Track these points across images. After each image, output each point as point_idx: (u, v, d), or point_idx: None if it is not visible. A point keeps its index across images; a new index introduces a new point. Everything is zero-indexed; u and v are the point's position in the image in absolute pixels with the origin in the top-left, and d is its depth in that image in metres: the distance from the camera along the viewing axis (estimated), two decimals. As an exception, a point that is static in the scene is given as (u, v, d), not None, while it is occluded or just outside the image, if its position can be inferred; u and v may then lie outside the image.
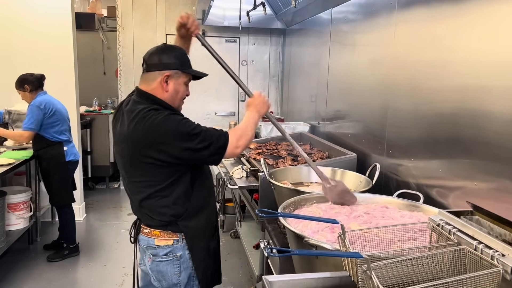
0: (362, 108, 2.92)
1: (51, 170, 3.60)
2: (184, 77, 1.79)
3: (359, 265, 1.12)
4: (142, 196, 1.77)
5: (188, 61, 1.82)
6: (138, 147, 1.68)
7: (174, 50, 1.80)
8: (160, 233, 1.79)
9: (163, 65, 1.74)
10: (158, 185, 1.73)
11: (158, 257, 1.81)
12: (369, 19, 2.84)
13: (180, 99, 1.82)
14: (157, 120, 1.65)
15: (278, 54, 5.86)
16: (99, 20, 6.50)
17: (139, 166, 1.72)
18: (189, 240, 1.80)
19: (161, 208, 1.76)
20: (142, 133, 1.66)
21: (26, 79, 3.54)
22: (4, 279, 3.31)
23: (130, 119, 1.70)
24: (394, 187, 2.33)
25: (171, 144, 1.65)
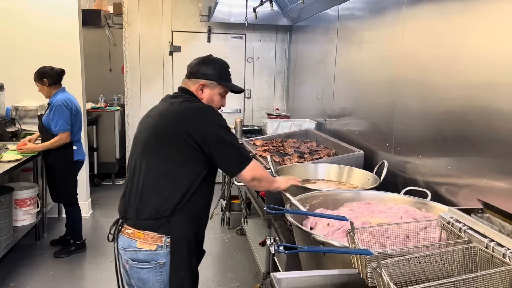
0: (370, 105, 2.90)
1: (57, 168, 3.60)
2: (219, 88, 1.90)
3: (369, 263, 1.12)
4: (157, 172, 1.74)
5: (227, 75, 1.94)
6: (178, 121, 1.74)
7: (215, 63, 1.91)
8: (144, 236, 1.72)
9: (200, 75, 1.88)
10: (176, 165, 1.73)
11: (139, 263, 1.74)
12: (376, 16, 2.82)
13: (215, 107, 1.91)
14: (202, 105, 1.82)
15: (284, 51, 5.85)
16: (105, 17, 6.51)
17: (169, 139, 1.74)
18: (174, 244, 1.72)
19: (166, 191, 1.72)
20: (186, 109, 1.77)
21: (46, 73, 3.52)
22: (11, 274, 3.33)
23: (174, 100, 1.83)
24: (402, 185, 2.31)
25: (209, 126, 1.73)
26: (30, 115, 4.20)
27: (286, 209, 1.46)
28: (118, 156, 5.87)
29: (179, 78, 5.65)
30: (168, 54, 5.70)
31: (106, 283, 3.28)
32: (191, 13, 5.64)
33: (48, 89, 3.54)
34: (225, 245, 4.02)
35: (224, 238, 4.16)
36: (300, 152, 3.12)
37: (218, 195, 4.46)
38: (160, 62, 5.71)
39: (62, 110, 3.46)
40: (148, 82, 5.74)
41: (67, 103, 3.50)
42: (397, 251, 1.16)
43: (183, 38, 5.69)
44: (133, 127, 5.83)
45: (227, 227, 4.39)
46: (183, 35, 5.69)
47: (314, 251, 1.31)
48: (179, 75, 5.73)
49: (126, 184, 1.87)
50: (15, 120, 4.13)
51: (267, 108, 5.97)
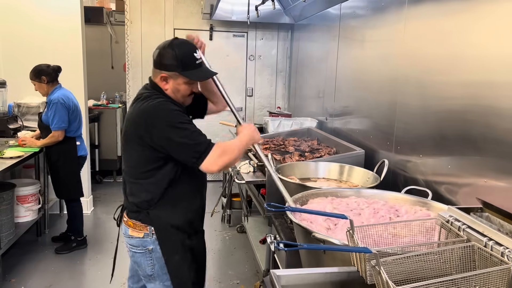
0: (371, 104, 2.90)
1: (61, 164, 3.61)
2: (183, 78, 1.77)
3: (368, 260, 1.12)
4: (128, 174, 1.82)
5: (191, 61, 1.77)
6: (133, 126, 1.75)
7: (176, 49, 1.75)
8: (133, 224, 1.81)
9: (160, 65, 1.77)
10: (142, 167, 1.76)
11: (133, 247, 1.85)
12: (378, 14, 2.82)
13: (183, 96, 1.82)
14: (153, 103, 1.73)
15: (286, 49, 5.84)
16: (107, 14, 6.51)
17: (130, 144, 1.78)
18: (158, 233, 1.80)
19: (140, 191, 1.78)
20: (138, 113, 1.74)
21: (44, 70, 3.53)
22: (12, 270, 3.34)
23: (135, 101, 1.81)
24: (402, 184, 2.32)
25: (156, 128, 1.69)
26: (32, 112, 4.22)
27: (286, 207, 1.47)
28: (119, 154, 5.87)
29: (181, 76, 5.69)
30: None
31: (106, 280, 3.27)
32: (193, 11, 5.64)
33: (46, 87, 3.55)
34: (226, 242, 4.03)
35: (225, 236, 4.17)
36: (301, 151, 3.13)
37: (219, 193, 4.47)
38: (162, 59, 5.70)
39: (59, 108, 3.47)
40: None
41: (64, 101, 3.51)
42: (396, 249, 1.17)
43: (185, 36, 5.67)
44: (134, 125, 5.83)
45: (227, 225, 4.40)
46: (185, 32, 5.56)
47: (313, 248, 1.32)
48: (181, 73, 5.73)
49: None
50: (17, 117, 4.14)
51: (269, 106, 5.97)
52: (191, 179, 1.85)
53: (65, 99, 3.53)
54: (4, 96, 4.00)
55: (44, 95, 3.60)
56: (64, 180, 3.65)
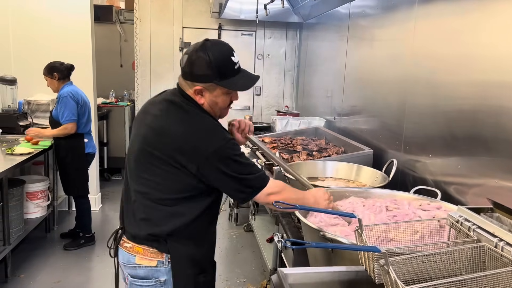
0: (379, 104, 2.89)
1: (69, 160, 3.65)
2: (221, 89, 1.49)
3: (376, 260, 1.12)
4: (147, 199, 1.50)
5: (230, 68, 1.48)
6: (173, 145, 1.44)
7: (209, 54, 1.44)
8: (143, 251, 1.51)
9: (194, 77, 1.48)
10: (172, 193, 1.48)
11: (138, 280, 1.54)
12: (388, 14, 2.80)
13: (221, 109, 1.56)
14: (204, 127, 1.46)
15: (294, 48, 5.83)
16: (116, 13, 6.55)
17: (164, 164, 1.45)
18: (174, 263, 1.52)
19: (161, 219, 1.50)
20: (184, 133, 1.43)
21: (56, 67, 3.58)
22: (21, 266, 3.38)
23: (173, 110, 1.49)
24: (411, 184, 2.30)
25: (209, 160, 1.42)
26: (42, 109, 4.25)
27: (294, 205, 1.46)
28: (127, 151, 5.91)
29: (189, 75, 5.70)
30: (179, 51, 5.71)
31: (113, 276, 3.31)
32: (202, 10, 5.65)
33: (57, 83, 3.59)
34: (233, 241, 4.04)
35: (232, 234, 4.18)
36: (308, 150, 3.12)
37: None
38: (170, 58, 5.73)
39: (68, 101, 3.51)
40: (158, 78, 5.77)
41: (73, 95, 3.56)
42: (405, 248, 1.16)
43: (194, 35, 5.70)
44: (143, 123, 5.86)
45: (234, 223, 4.41)
46: (193, 31, 5.70)
47: (321, 247, 1.31)
48: (189, 72, 5.74)
49: (123, 191, 1.65)
50: (27, 114, 4.18)
51: (277, 105, 5.96)
52: (214, 210, 1.61)
53: (74, 93, 3.58)
54: (14, 93, 4.04)
55: (55, 91, 3.65)
56: (72, 176, 3.68)
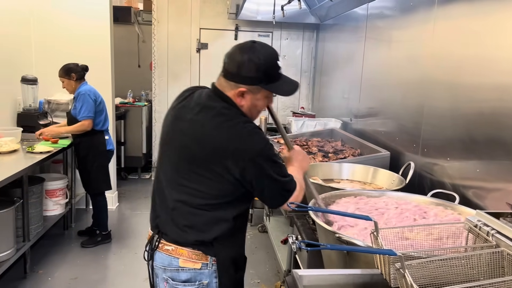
0: (397, 106, 2.86)
1: (90, 158, 3.71)
2: (265, 92, 1.50)
3: (392, 263, 1.11)
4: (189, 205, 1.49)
5: (276, 71, 1.49)
6: (217, 152, 1.44)
7: (259, 56, 1.44)
8: (187, 253, 1.50)
9: (241, 78, 1.46)
10: (213, 199, 1.48)
11: (179, 283, 1.52)
12: (406, 15, 2.77)
13: (258, 112, 1.56)
14: (246, 130, 1.45)
15: (311, 49, 5.81)
16: (135, 14, 6.62)
17: (207, 172, 1.45)
18: (221, 266, 1.53)
19: (205, 224, 1.50)
20: (227, 138, 1.43)
21: (73, 68, 3.64)
22: (40, 262, 3.44)
23: (212, 116, 1.47)
24: (428, 187, 2.28)
25: (250, 163, 1.43)
26: (61, 108, 4.32)
27: (309, 206, 1.46)
28: (144, 151, 5.98)
29: (206, 75, 5.76)
30: (196, 51, 5.76)
31: (130, 274, 3.35)
32: (219, 11, 5.68)
33: (74, 84, 3.66)
34: (247, 241, 3.99)
35: (246, 235, 4.17)
36: (324, 151, 3.11)
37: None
38: (187, 59, 5.77)
39: (85, 98, 3.58)
40: (175, 79, 5.82)
41: (90, 93, 3.62)
42: (421, 252, 1.15)
43: (211, 36, 5.74)
44: (159, 123, 5.90)
45: (249, 224, 4.41)
46: (210, 32, 5.74)
47: (336, 249, 1.31)
48: (206, 72, 5.78)
49: (154, 197, 1.64)
50: (47, 113, 4.26)
51: (292, 106, 5.95)
52: (247, 210, 1.63)
53: (91, 91, 3.65)
54: (35, 93, 4.11)
55: (71, 92, 3.71)
56: (93, 173, 3.74)
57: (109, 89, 4.49)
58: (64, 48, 4.40)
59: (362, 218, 1.19)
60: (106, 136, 3.77)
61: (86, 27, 4.44)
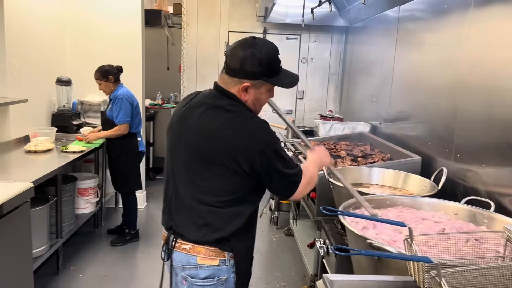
0: (429, 110, 2.80)
1: (123, 159, 3.79)
2: (267, 85, 1.54)
3: (427, 271, 1.09)
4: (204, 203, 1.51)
5: (277, 65, 1.55)
6: (227, 148, 1.47)
7: (261, 51, 1.48)
8: (205, 251, 1.53)
9: (244, 74, 1.49)
10: (227, 195, 1.51)
11: (198, 280, 1.55)
12: (440, 17, 2.71)
13: (261, 106, 1.61)
14: (253, 125, 1.50)
15: (339, 52, 5.77)
16: (165, 17, 6.74)
17: (218, 168, 1.48)
18: (238, 260, 1.57)
19: (221, 220, 1.52)
20: (235, 134, 1.47)
21: (110, 70, 3.72)
22: (72, 258, 3.54)
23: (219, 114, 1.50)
24: (462, 194, 2.22)
25: (258, 156, 1.46)
26: (94, 109, 4.44)
27: (341, 211, 1.45)
28: (172, 152, 6.05)
29: (234, 78, 5.78)
30: (224, 54, 5.80)
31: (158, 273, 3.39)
32: (247, 14, 5.71)
33: (112, 85, 3.73)
34: (273, 244, 4.04)
35: (272, 238, 4.18)
36: (353, 155, 3.07)
37: (268, 195, 4.49)
38: (215, 61, 5.82)
39: (123, 103, 3.66)
40: (203, 81, 5.88)
41: (128, 97, 3.70)
42: (457, 261, 1.12)
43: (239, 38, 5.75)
44: (187, 124, 6.00)
45: (275, 227, 4.41)
46: (239, 35, 5.77)
47: (370, 255, 1.29)
48: (233, 75, 5.81)
49: (168, 200, 1.65)
50: (80, 114, 4.38)
51: (319, 109, 5.92)
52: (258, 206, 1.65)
53: (129, 95, 3.73)
54: (69, 94, 4.24)
55: (108, 94, 3.78)
56: (125, 174, 3.83)
57: (140, 91, 4.58)
58: (97, 49, 4.52)
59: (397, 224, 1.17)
60: (138, 138, 3.85)
61: (118, 29, 4.54)
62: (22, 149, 3.46)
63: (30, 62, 3.82)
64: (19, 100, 3.41)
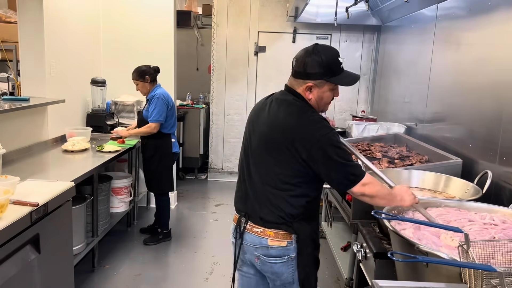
0: (470, 111, 2.71)
1: (156, 159, 3.82)
2: (329, 84, 1.73)
3: (486, 279, 1.05)
4: (269, 186, 1.74)
5: (337, 67, 1.72)
6: (287, 135, 1.67)
7: (321, 56, 1.69)
8: (274, 234, 1.76)
9: (306, 75, 1.71)
10: (289, 179, 1.71)
11: (271, 258, 1.78)
12: (482, 15, 2.63)
13: (325, 104, 1.79)
14: (313, 118, 1.67)
15: (370, 51, 5.68)
16: (194, 18, 6.79)
17: (281, 154, 1.69)
18: (300, 242, 1.77)
19: (281, 203, 1.73)
20: (296, 124, 1.67)
21: (147, 71, 3.75)
22: (106, 257, 3.60)
23: (284, 107, 1.73)
24: (508, 198, 2.14)
25: (318, 145, 1.62)
26: (127, 109, 4.51)
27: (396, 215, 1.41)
28: (201, 152, 6.10)
29: (263, 78, 5.79)
30: (253, 55, 5.80)
31: (191, 273, 3.42)
32: (277, 14, 5.69)
33: (149, 86, 3.77)
34: (304, 246, 3.99)
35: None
36: (389, 157, 3.01)
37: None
38: (245, 62, 5.83)
39: (159, 103, 3.69)
40: (232, 82, 5.89)
41: (164, 97, 3.73)
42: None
43: (269, 39, 5.76)
44: (217, 125, 6.03)
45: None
46: (268, 35, 5.77)
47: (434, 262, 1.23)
48: (262, 75, 5.81)
49: (242, 183, 1.88)
50: (114, 114, 4.46)
51: (350, 110, 5.84)
52: (318, 197, 1.83)
53: (166, 96, 3.76)
54: (103, 94, 4.32)
55: (145, 94, 3.82)
56: (157, 174, 3.86)
57: (172, 91, 4.61)
58: (130, 51, 4.60)
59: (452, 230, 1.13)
60: (172, 139, 3.87)
61: (151, 29, 4.60)
62: (59, 148, 3.55)
63: (67, 62, 3.91)
64: (57, 101, 3.50)
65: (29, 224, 1.91)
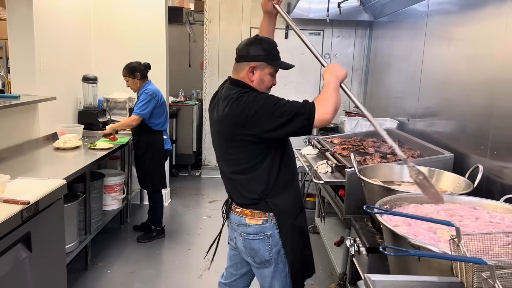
0: (462, 106, 2.73)
1: (148, 156, 3.80)
2: (269, 68, 1.90)
3: (477, 272, 1.05)
4: (235, 172, 1.93)
5: (276, 53, 1.92)
6: (233, 126, 1.82)
7: (262, 43, 1.90)
8: (250, 213, 1.94)
9: (250, 57, 1.88)
10: (249, 162, 1.88)
11: (250, 235, 1.96)
12: (474, 11, 2.64)
13: (266, 88, 1.94)
14: (248, 99, 1.80)
15: (363, 47, 5.69)
16: (186, 14, 6.75)
17: (234, 144, 1.87)
18: (278, 217, 1.93)
19: (252, 183, 1.91)
20: (236, 112, 1.80)
21: (137, 67, 3.72)
22: (99, 255, 3.58)
23: (226, 103, 1.86)
24: (499, 192, 2.15)
25: (261, 121, 1.76)
26: (119, 106, 4.48)
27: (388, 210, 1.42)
28: (194, 149, 6.09)
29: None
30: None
31: (184, 270, 3.42)
32: (269, 10, 5.67)
33: (139, 82, 3.73)
34: (298, 242, 4.01)
35: (297, 235, 4.15)
36: (381, 152, 3.02)
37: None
38: (237, 58, 5.80)
39: (147, 98, 3.66)
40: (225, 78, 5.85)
41: (155, 95, 3.71)
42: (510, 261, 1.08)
43: (261, 35, 5.74)
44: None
45: (299, 224, 4.37)
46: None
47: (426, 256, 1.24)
48: (255, 71, 5.80)
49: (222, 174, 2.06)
50: (106, 111, 4.43)
51: (343, 105, 5.84)
52: (289, 166, 1.99)
53: (155, 92, 3.73)
54: (95, 92, 4.29)
55: (136, 91, 3.80)
56: (150, 172, 3.84)
57: (164, 88, 4.58)
58: (122, 47, 4.56)
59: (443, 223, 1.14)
60: (164, 136, 3.85)
61: (142, 26, 4.57)
62: (51, 146, 3.52)
63: (57, 59, 3.88)
64: (48, 98, 3.47)
65: (20, 223, 1.90)
